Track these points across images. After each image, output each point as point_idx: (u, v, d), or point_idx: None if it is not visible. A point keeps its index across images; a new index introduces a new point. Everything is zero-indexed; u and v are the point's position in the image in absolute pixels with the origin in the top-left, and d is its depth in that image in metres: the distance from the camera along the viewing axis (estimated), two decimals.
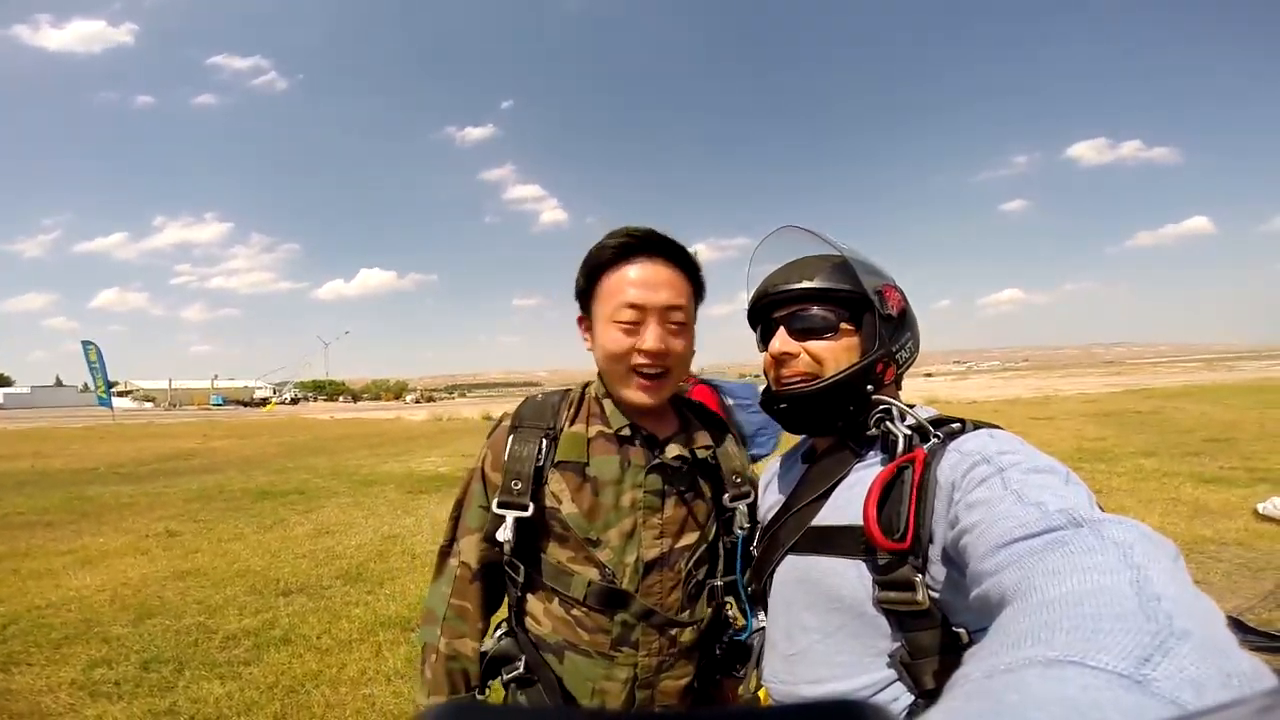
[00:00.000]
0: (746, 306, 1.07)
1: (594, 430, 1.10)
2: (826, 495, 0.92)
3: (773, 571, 0.97)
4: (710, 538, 1.13)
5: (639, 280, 1.03)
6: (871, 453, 0.91)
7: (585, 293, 1.10)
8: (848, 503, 0.87)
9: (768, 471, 1.18)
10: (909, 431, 0.85)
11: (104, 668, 3.11)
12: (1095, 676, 0.31)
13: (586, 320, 1.11)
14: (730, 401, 1.96)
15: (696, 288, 1.11)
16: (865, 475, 0.88)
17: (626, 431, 1.09)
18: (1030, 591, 0.46)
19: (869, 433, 0.91)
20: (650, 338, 1.02)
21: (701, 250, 1.12)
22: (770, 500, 1.08)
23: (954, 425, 0.85)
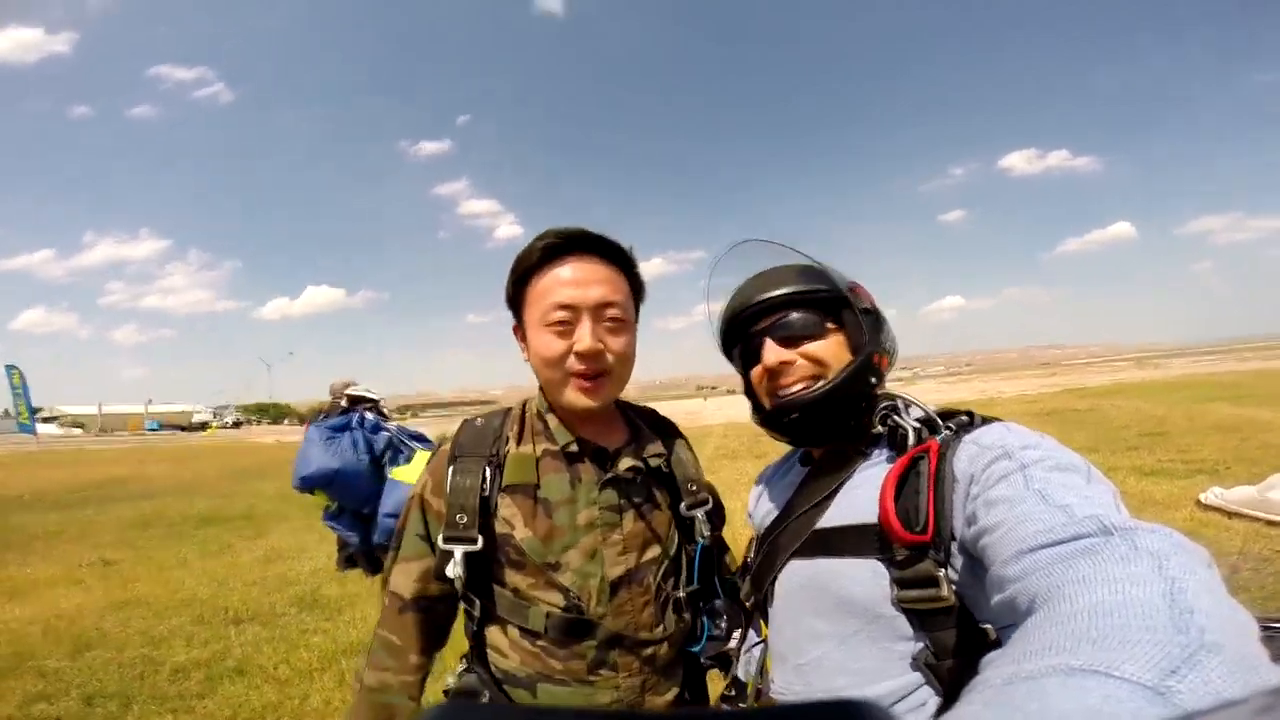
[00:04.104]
0: (717, 328, 1.04)
1: (540, 449, 1.04)
2: (831, 497, 0.88)
3: (774, 579, 0.93)
4: (672, 549, 1.08)
5: (570, 279, 0.97)
6: (877, 450, 0.88)
7: (516, 299, 1.04)
8: (856, 502, 0.84)
9: (760, 478, 1.14)
10: (917, 424, 0.84)
11: (43, 703, 2.89)
12: (1118, 687, 0.31)
13: (521, 329, 1.05)
14: None
15: (635, 285, 1.06)
16: (872, 474, 0.85)
17: (574, 448, 1.03)
18: (1058, 600, 0.44)
19: (875, 430, 0.88)
20: (585, 337, 0.96)
21: (659, 264, 1.11)
22: (765, 508, 1.04)
23: (963, 417, 0.83)
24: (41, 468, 16.26)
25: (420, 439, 5.05)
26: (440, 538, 0.99)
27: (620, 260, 1.03)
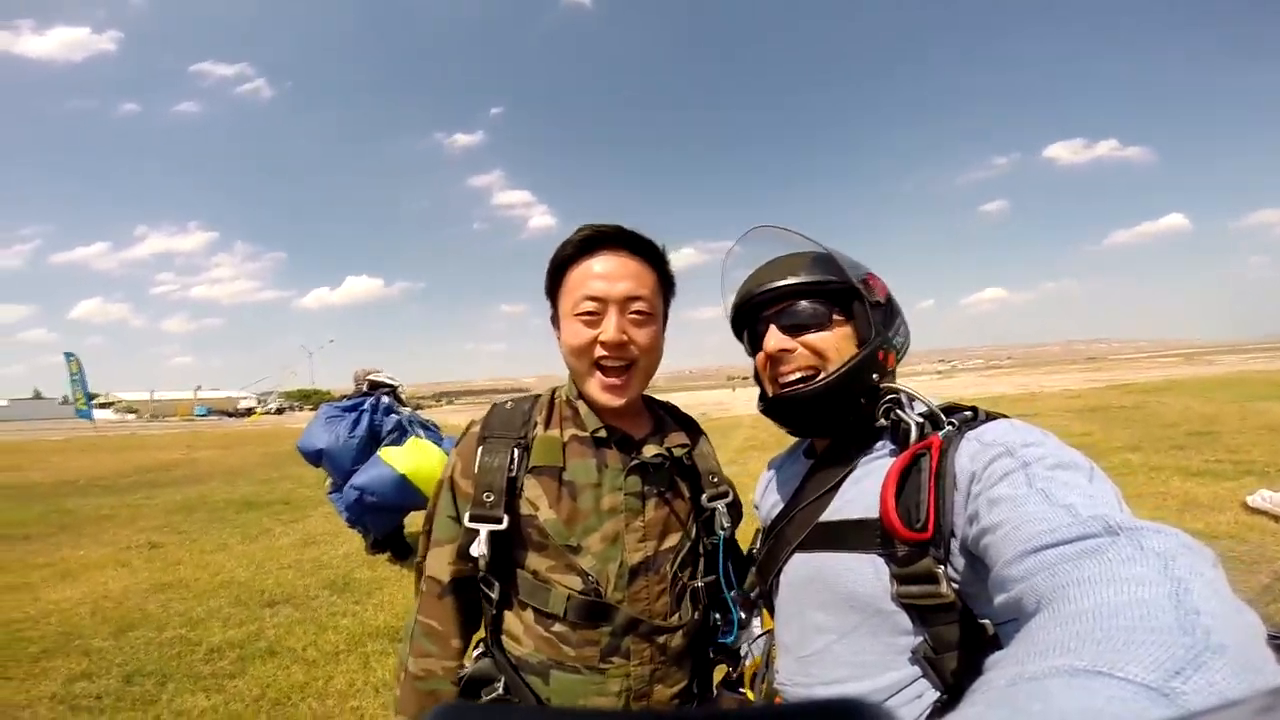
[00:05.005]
0: (728, 313, 1.05)
1: (568, 434, 1.07)
2: (834, 490, 0.89)
3: (779, 571, 0.94)
4: (692, 539, 1.10)
5: (600, 273, 1.01)
6: (880, 443, 0.88)
7: (552, 290, 1.08)
8: (858, 496, 0.84)
9: (766, 472, 1.15)
10: (920, 419, 0.83)
11: (85, 681, 3.03)
12: (1122, 688, 0.31)
13: (556, 318, 1.09)
14: None
15: (664, 282, 1.09)
16: (875, 467, 0.85)
17: (602, 434, 1.06)
18: (1063, 601, 0.44)
19: (878, 424, 0.88)
20: (610, 328, 1.00)
21: (690, 253, 1.12)
22: (771, 500, 1.05)
23: (966, 413, 0.83)
24: (97, 453, 16.98)
25: (428, 427, 5.16)
26: (466, 516, 1.02)
27: (651, 256, 1.06)
